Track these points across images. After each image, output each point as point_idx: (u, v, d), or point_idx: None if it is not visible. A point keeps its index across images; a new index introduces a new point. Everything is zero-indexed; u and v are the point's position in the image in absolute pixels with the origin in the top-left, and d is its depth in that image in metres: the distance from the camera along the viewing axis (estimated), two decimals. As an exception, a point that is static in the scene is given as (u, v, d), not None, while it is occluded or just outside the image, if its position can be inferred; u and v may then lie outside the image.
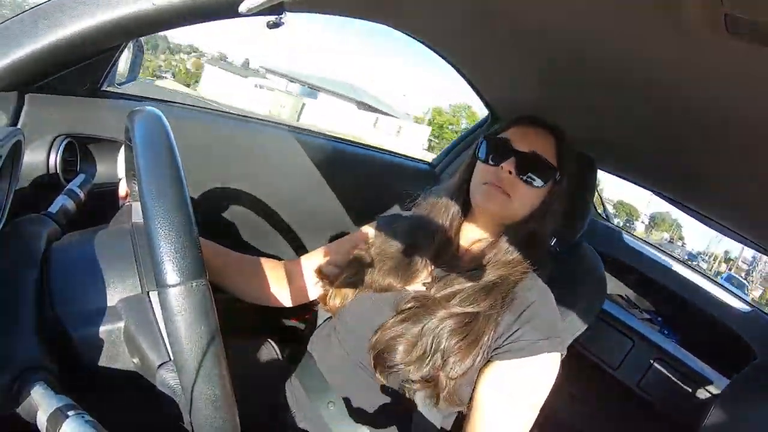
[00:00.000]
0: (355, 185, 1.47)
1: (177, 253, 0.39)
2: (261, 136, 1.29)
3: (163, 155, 0.45)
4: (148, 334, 0.51)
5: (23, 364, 0.45)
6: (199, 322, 0.38)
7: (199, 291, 0.39)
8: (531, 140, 0.87)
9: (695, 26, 0.48)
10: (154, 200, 0.41)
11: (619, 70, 0.74)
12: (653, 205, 34.28)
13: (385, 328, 0.80)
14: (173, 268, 0.38)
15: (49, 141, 0.83)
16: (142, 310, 0.52)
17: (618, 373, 1.50)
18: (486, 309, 0.79)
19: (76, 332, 0.51)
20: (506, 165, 0.85)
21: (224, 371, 0.40)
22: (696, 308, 1.55)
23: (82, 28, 0.68)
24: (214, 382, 0.39)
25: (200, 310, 0.39)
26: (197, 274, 0.39)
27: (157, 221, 0.40)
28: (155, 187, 0.41)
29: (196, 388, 0.39)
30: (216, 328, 0.40)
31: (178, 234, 0.40)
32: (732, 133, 0.70)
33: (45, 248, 0.57)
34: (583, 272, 1.10)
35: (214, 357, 0.39)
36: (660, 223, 39.00)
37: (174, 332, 0.38)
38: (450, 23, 0.96)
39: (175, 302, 0.38)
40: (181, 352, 0.38)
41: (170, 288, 0.38)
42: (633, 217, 31.41)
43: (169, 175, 0.43)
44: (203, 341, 0.39)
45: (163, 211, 0.40)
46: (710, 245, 30.63)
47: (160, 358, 0.50)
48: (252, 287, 0.96)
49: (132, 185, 0.68)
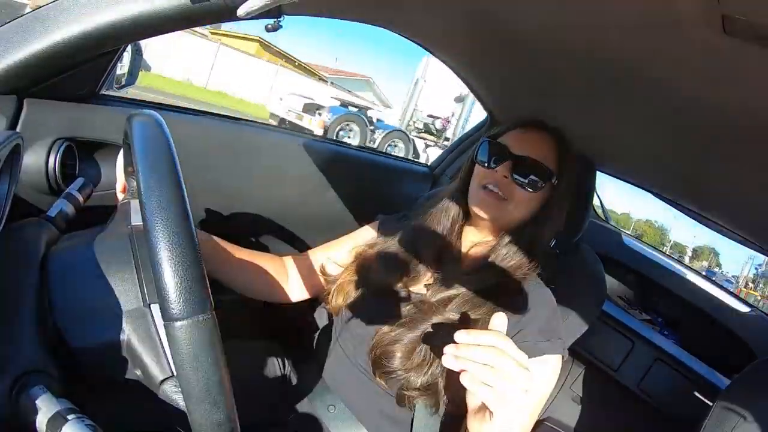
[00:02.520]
0: (355, 188, 1.47)
1: (183, 287, 0.39)
2: (261, 139, 1.29)
3: (163, 160, 0.45)
4: (150, 347, 0.51)
5: (23, 368, 0.45)
6: (206, 354, 0.39)
7: (205, 324, 0.39)
8: (528, 144, 0.87)
9: (693, 27, 0.48)
10: (158, 228, 0.40)
11: (617, 72, 0.74)
12: (696, 239, 37.94)
13: (382, 333, 0.80)
14: (180, 303, 0.39)
15: (48, 144, 0.83)
16: (144, 324, 0.52)
17: (618, 374, 1.50)
18: (485, 315, 0.78)
19: (75, 344, 0.51)
20: (501, 169, 0.85)
21: (229, 396, 0.41)
22: (696, 309, 1.55)
23: (80, 32, 0.69)
24: (220, 408, 0.40)
25: (207, 343, 0.39)
26: (203, 308, 0.40)
27: (162, 254, 0.40)
28: (160, 215, 0.41)
29: (201, 413, 0.40)
30: (222, 357, 0.40)
31: (185, 268, 0.40)
32: (732, 133, 0.70)
33: (44, 252, 0.56)
34: (583, 273, 1.10)
35: (220, 386, 0.40)
36: (700, 254, 41.41)
37: (180, 363, 0.39)
38: (448, 26, 0.97)
39: (181, 336, 0.39)
40: (188, 382, 0.39)
41: (176, 322, 0.39)
42: (683, 254, 33.57)
43: (173, 196, 0.43)
44: (210, 372, 0.39)
45: (168, 243, 0.40)
46: (743, 270, 31.96)
47: (162, 373, 0.50)
48: (252, 282, 0.95)
49: (130, 181, 0.67)
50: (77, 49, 0.71)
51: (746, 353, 1.39)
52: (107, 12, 0.68)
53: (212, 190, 1.18)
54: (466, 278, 0.83)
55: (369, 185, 1.53)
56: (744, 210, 1.04)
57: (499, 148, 0.87)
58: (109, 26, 0.69)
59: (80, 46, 0.70)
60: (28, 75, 0.72)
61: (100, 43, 0.72)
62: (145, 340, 0.51)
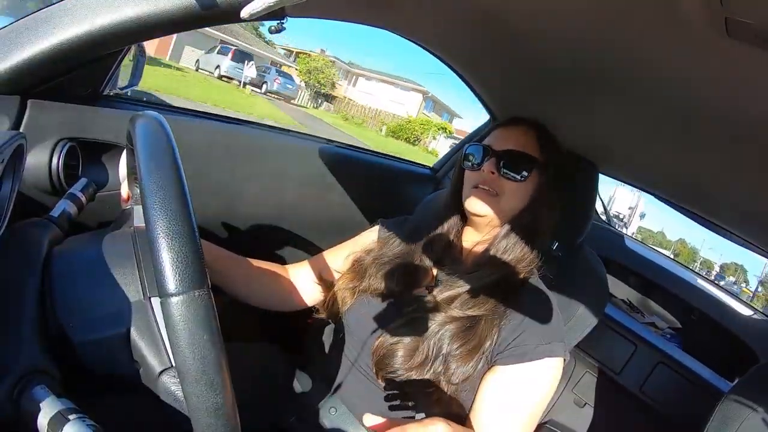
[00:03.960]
0: (358, 190, 1.47)
1: (179, 261, 0.39)
2: (263, 141, 1.29)
3: (165, 160, 0.45)
4: (150, 340, 0.51)
5: (25, 368, 0.45)
6: (202, 331, 0.38)
7: (201, 300, 0.39)
8: (509, 139, 0.90)
9: (696, 29, 0.48)
10: (156, 208, 0.40)
11: (620, 74, 0.74)
12: (723, 257, 39.36)
13: (385, 334, 0.80)
14: (175, 277, 0.38)
15: (51, 145, 0.83)
16: (144, 316, 0.52)
17: (620, 377, 1.49)
18: (488, 313, 0.79)
19: (77, 338, 0.51)
20: (487, 166, 0.87)
21: (227, 379, 0.40)
22: (698, 312, 1.54)
23: (83, 33, 0.69)
24: (217, 391, 0.39)
25: (203, 318, 0.39)
26: (200, 284, 0.39)
27: (159, 229, 0.39)
28: (157, 195, 0.41)
29: (198, 396, 0.38)
30: (218, 336, 0.40)
31: (181, 243, 0.39)
32: (733, 135, 0.70)
33: (46, 252, 0.57)
34: (585, 276, 1.09)
35: (216, 365, 0.39)
36: (727, 270, 42.67)
37: (176, 341, 0.38)
38: (448, 27, 0.97)
39: (177, 311, 0.38)
40: (184, 361, 0.38)
41: (172, 297, 0.38)
42: (710, 269, 34.30)
43: (172, 181, 0.43)
44: (205, 350, 0.38)
45: (165, 219, 0.40)
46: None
47: (161, 365, 0.50)
48: (255, 291, 0.96)
49: (133, 188, 0.67)
50: (80, 50, 0.71)
51: (749, 356, 1.39)
52: (110, 13, 0.69)
53: (214, 191, 1.18)
54: (467, 277, 0.83)
55: (371, 187, 1.54)
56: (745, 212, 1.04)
57: (482, 148, 0.90)
58: (112, 27, 0.69)
59: (83, 47, 0.70)
60: (31, 76, 0.72)
61: (103, 44, 0.72)
62: (144, 333, 0.51)
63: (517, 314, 0.80)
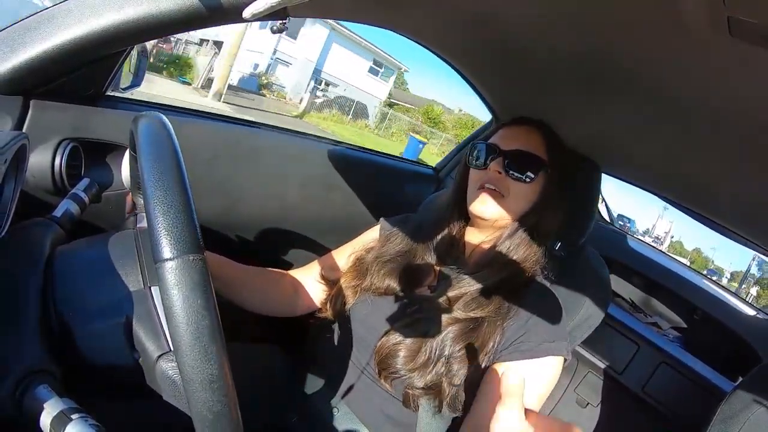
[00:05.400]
0: (360, 190, 1.47)
1: (174, 227, 0.39)
2: (266, 141, 1.29)
3: (167, 158, 0.45)
4: (149, 326, 0.51)
5: (27, 368, 0.45)
6: (196, 296, 0.38)
7: (196, 264, 0.39)
8: (516, 138, 0.89)
9: (698, 29, 0.48)
10: (154, 183, 0.41)
11: (621, 73, 0.74)
12: (733, 265, 40.66)
13: (387, 334, 0.80)
14: (170, 242, 0.38)
15: (54, 145, 0.83)
16: (144, 304, 0.53)
17: (623, 377, 1.49)
18: (491, 314, 0.78)
19: (77, 328, 0.51)
20: (494, 165, 0.86)
21: (222, 350, 0.39)
22: (701, 312, 1.54)
23: (86, 33, 0.69)
24: (212, 360, 0.38)
25: (197, 283, 0.38)
26: (194, 249, 0.39)
27: (155, 199, 0.40)
28: (156, 173, 0.42)
29: (192, 367, 0.38)
30: (213, 304, 0.39)
31: (177, 210, 0.40)
32: (735, 135, 0.70)
33: (49, 252, 0.57)
34: (588, 276, 1.09)
35: (210, 333, 0.38)
36: (736, 276, 44.16)
37: (170, 306, 0.38)
38: (449, 27, 0.97)
39: (171, 275, 0.38)
40: (176, 327, 0.38)
41: (167, 261, 0.38)
42: (722, 274, 35.58)
43: (170, 164, 0.43)
44: (200, 316, 0.38)
45: (162, 190, 0.40)
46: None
47: (159, 349, 0.50)
48: (258, 299, 0.96)
49: (137, 198, 0.68)
50: (83, 50, 0.71)
51: (751, 356, 1.38)
52: (113, 14, 0.69)
53: (216, 191, 1.18)
54: (471, 277, 0.83)
55: (374, 187, 1.54)
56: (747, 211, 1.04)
57: (489, 147, 0.89)
58: (114, 28, 0.69)
59: (86, 47, 0.70)
60: (34, 76, 0.72)
61: (105, 44, 0.72)
62: (145, 321, 0.52)
63: (523, 314, 0.79)
